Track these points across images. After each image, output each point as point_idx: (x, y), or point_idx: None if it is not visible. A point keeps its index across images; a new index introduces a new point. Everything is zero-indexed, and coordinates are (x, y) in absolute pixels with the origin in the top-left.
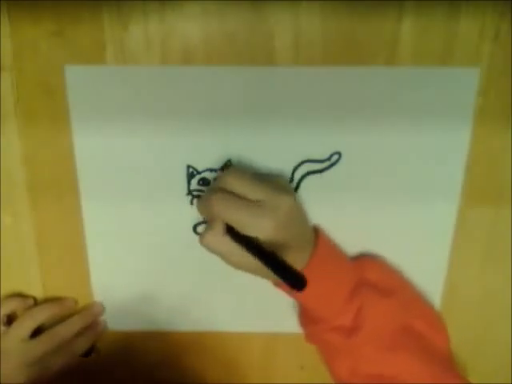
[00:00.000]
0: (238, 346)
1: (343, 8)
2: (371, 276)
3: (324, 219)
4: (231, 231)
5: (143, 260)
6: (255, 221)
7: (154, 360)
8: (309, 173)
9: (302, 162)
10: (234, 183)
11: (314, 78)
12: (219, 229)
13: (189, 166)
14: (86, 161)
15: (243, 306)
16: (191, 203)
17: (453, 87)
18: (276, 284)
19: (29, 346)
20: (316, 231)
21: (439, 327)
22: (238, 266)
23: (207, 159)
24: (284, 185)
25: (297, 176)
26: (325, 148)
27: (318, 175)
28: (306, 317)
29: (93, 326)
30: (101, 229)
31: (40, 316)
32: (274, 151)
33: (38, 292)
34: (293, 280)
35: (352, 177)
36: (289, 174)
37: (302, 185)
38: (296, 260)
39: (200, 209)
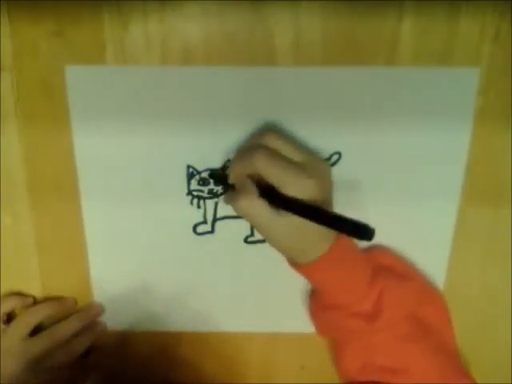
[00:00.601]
0: (237, 346)
1: (343, 8)
2: (385, 261)
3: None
4: (270, 196)
5: (143, 260)
6: (301, 180)
7: (154, 360)
8: None
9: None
10: (276, 142)
11: (313, 78)
12: (254, 191)
13: (189, 166)
14: (86, 161)
15: (243, 306)
16: (191, 203)
17: (453, 87)
18: (295, 266)
19: (28, 345)
20: None
21: (447, 318)
22: (272, 234)
23: (207, 159)
24: (317, 152)
25: None
26: (325, 148)
27: None
28: (322, 304)
29: (92, 325)
30: (101, 229)
31: (39, 314)
32: None
33: (37, 292)
34: (358, 229)
35: (352, 177)
36: None
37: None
38: (323, 237)
39: (236, 166)
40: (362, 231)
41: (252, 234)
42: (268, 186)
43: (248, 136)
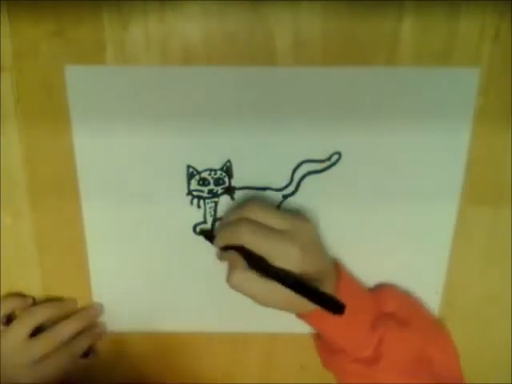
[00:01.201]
0: (237, 346)
1: (343, 8)
2: (389, 306)
3: (324, 219)
4: (255, 265)
5: (143, 260)
6: (286, 249)
7: (154, 360)
8: (309, 173)
9: (302, 162)
10: (257, 213)
11: (313, 78)
12: (243, 265)
13: (189, 166)
14: (86, 161)
15: (243, 306)
16: (191, 203)
17: (453, 87)
18: (299, 316)
19: (28, 346)
20: (336, 264)
21: (451, 352)
22: (266, 301)
23: (207, 159)
24: (301, 214)
25: (297, 176)
26: (325, 148)
27: (317, 175)
28: (326, 347)
29: (91, 327)
30: (101, 229)
31: (40, 315)
32: (274, 151)
33: (37, 292)
34: (330, 305)
35: (352, 177)
36: (289, 174)
37: (302, 185)
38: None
39: (222, 238)
40: (334, 306)
41: None
42: (256, 256)
43: (248, 135)
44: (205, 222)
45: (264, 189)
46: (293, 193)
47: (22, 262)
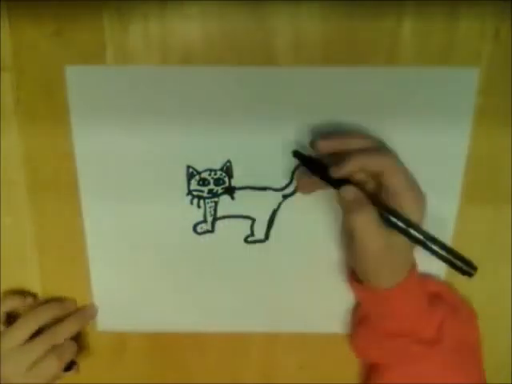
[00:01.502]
0: (237, 346)
1: (343, 8)
2: (435, 288)
3: (324, 219)
4: (384, 217)
5: (143, 260)
6: (417, 196)
7: (154, 360)
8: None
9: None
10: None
11: (314, 78)
12: (372, 209)
13: (189, 166)
14: (86, 161)
15: (243, 306)
16: (191, 203)
17: (453, 87)
18: (364, 289)
19: (27, 348)
20: None
21: (480, 338)
22: (370, 249)
23: (207, 159)
24: None
25: (297, 176)
26: None
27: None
28: (378, 331)
29: (72, 316)
30: (101, 229)
31: (41, 318)
32: (274, 151)
33: (37, 292)
34: (463, 265)
35: None
36: (289, 174)
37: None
38: (406, 266)
39: (359, 159)
40: (468, 267)
41: (252, 234)
42: (383, 204)
43: (248, 135)
44: (205, 221)
45: (264, 189)
46: (293, 193)
47: (22, 261)
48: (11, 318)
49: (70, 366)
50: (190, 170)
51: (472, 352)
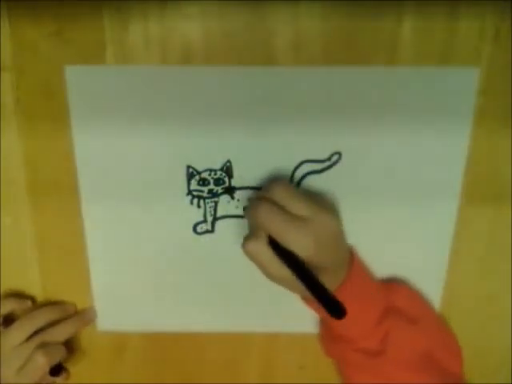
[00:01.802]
0: (238, 346)
1: (343, 8)
2: (399, 302)
3: None
4: (274, 243)
5: (143, 260)
6: (298, 237)
7: (154, 361)
8: (309, 173)
9: (302, 162)
10: (282, 196)
11: (314, 78)
12: (262, 238)
13: (189, 166)
14: (85, 161)
15: (243, 306)
16: (191, 203)
17: (453, 87)
18: (304, 299)
19: (24, 349)
20: (351, 253)
21: (456, 353)
22: (274, 278)
23: (207, 159)
24: (330, 205)
25: (297, 176)
26: (325, 148)
27: (317, 175)
28: (330, 335)
29: (70, 318)
30: (100, 229)
31: (38, 321)
32: (274, 151)
33: (37, 292)
34: (331, 307)
35: (352, 177)
36: (289, 174)
37: (302, 185)
38: (330, 281)
39: (247, 214)
40: (334, 309)
41: None
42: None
43: (248, 135)
44: (205, 221)
45: None
46: None
47: (22, 261)
48: (9, 321)
49: (58, 371)
50: (190, 170)
51: (433, 367)
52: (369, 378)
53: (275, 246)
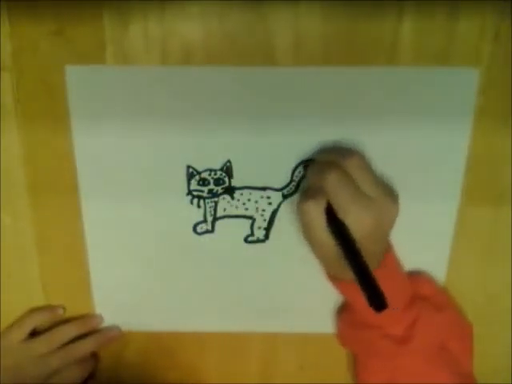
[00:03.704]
0: (237, 345)
1: (343, 8)
2: (425, 290)
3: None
4: (330, 213)
5: (143, 260)
6: (360, 214)
7: (154, 360)
8: None
9: (302, 162)
10: (356, 170)
11: (314, 78)
12: (322, 202)
13: (189, 166)
14: (85, 161)
15: (243, 306)
16: (191, 203)
17: (453, 87)
18: (331, 277)
19: (27, 345)
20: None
21: (470, 349)
22: (315, 244)
23: (207, 159)
24: (394, 191)
25: (297, 176)
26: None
27: None
28: (353, 321)
29: (93, 334)
30: (101, 229)
31: (66, 335)
32: (273, 151)
33: (37, 292)
34: (374, 297)
35: None
36: (289, 174)
37: (302, 185)
38: (370, 258)
39: (312, 173)
40: (376, 300)
41: (252, 234)
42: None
43: (248, 135)
44: (205, 221)
45: (264, 189)
46: (293, 193)
47: (22, 261)
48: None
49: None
50: (190, 170)
51: (455, 359)
52: (386, 370)
53: (330, 216)
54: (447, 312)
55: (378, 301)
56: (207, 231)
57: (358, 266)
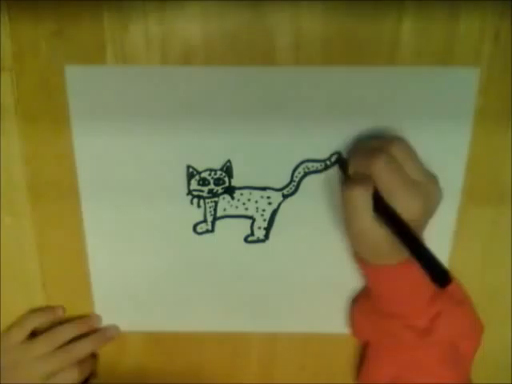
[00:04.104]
0: (237, 346)
1: (343, 8)
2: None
3: (324, 219)
4: (377, 199)
5: (143, 259)
6: (408, 199)
7: (154, 360)
8: (309, 173)
9: (302, 162)
10: (402, 153)
11: (314, 78)
12: (370, 188)
13: (189, 166)
14: (85, 161)
15: (243, 306)
16: (191, 203)
17: (453, 87)
18: (360, 262)
19: (27, 346)
20: None
21: (476, 351)
22: (359, 229)
23: (207, 159)
24: (435, 175)
25: (297, 176)
26: (325, 148)
27: (317, 175)
28: (376, 309)
29: (95, 334)
30: (101, 229)
31: (65, 335)
32: (274, 151)
33: (37, 292)
34: (437, 273)
35: None
36: (289, 174)
37: (302, 185)
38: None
39: (356, 160)
40: (441, 276)
41: (252, 234)
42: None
43: (248, 135)
44: (205, 221)
45: (264, 189)
46: (293, 193)
47: (22, 262)
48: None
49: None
50: (190, 169)
51: (462, 359)
52: (400, 361)
53: (378, 201)
54: (466, 307)
55: (442, 276)
56: (207, 231)
57: (417, 246)
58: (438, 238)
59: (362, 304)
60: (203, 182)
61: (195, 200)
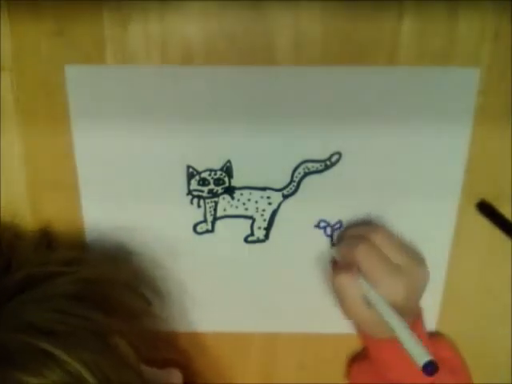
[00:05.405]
0: (238, 346)
1: (343, 8)
2: (443, 352)
3: (324, 219)
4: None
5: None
6: (392, 284)
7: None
8: (309, 173)
9: (302, 162)
10: (382, 242)
11: (313, 78)
12: (356, 274)
13: (189, 166)
14: (86, 161)
15: (243, 306)
16: (191, 203)
17: (453, 87)
18: (362, 336)
19: None
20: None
21: None
22: (352, 314)
23: (207, 159)
24: (421, 256)
25: (297, 176)
26: (325, 148)
27: (317, 175)
28: (374, 372)
29: None
30: (101, 229)
31: None
32: (274, 151)
33: None
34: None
35: (352, 177)
36: (289, 174)
37: (302, 185)
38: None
39: (342, 247)
40: (428, 365)
41: (252, 234)
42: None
43: (248, 135)
44: (205, 221)
45: (264, 189)
46: (293, 193)
47: None
48: None
49: None
50: (190, 169)
51: None
52: None
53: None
54: (461, 376)
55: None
56: (207, 231)
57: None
58: (438, 238)
59: (361, 365)
60: (203, 182)
61: (195, 200)
